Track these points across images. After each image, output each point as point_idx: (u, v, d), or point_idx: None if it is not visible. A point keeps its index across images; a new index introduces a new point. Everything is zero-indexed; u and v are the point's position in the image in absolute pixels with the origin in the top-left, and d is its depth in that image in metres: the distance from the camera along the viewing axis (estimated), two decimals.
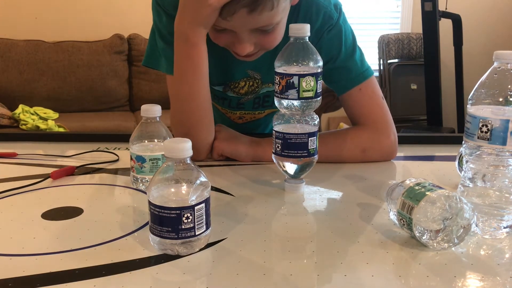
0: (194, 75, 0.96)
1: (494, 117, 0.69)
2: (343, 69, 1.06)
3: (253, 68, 1.09)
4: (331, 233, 0.75)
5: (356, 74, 1.06)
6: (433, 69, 3.60)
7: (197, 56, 0.95)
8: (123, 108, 3.70)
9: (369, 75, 1.07)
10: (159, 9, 1.02)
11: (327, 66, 1.05)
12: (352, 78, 1.06)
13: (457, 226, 0.66)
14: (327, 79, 1.09)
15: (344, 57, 1.05)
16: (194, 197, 0.65)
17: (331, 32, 1.04)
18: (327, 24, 1.03)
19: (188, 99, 0.99)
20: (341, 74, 1.07)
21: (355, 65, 1.06)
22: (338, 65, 1.05)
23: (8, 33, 3.52)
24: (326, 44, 1.04)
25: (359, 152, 1.05)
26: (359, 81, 1.06)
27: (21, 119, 3.05)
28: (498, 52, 0.70)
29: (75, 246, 0.69)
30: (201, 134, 1.02)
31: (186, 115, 1.00)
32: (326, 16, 1.03)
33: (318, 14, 1.02)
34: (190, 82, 0.97)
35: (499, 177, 0.71)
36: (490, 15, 4.23)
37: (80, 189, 0.93)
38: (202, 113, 1.00)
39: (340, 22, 1.04)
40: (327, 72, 1.06)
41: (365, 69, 1.07)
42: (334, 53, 1.05)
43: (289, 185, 0.90)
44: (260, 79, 1.10)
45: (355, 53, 1.06)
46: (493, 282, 0.62)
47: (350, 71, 1.06)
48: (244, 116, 1.20)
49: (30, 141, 1.26)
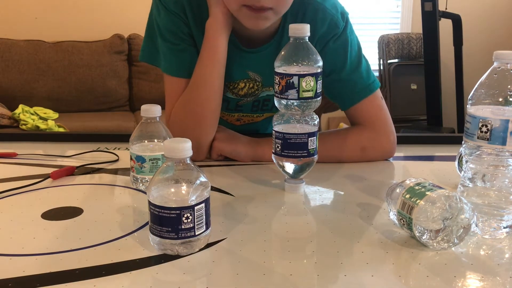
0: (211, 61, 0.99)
1: (494, 117, 0.69)
2: (348, 82, 1.05)
3: (254, 70, 1.08)
4: (331, 233, 0.75)
5: (361, 87, 1.05)
6: (433, 69, 3.59)
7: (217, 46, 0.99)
8: (123, 108, 3.70)
9: (375, 88, 1.06)
10: (159, 4, 1.02)
11: (331, 77, 1.04)
12: (357, 91, 1.05)
13: (457, 226, 0.66)
14: (331, 93, 1.08)
15: (349, 69, 1.04)
16: (194, 197, 0.65)
17: (336, 42, 1.03)
18: (332, 32, 1.02)
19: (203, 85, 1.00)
20: (345, 87, 1.05)
21: (361, 78, 1.05)
22: (343, 77, 1.04)
23: (8, 33, 3.52)
24: (331, 53, 1.03)
25: (358, 150, 1.05)
26: (365, 94, 1.05)
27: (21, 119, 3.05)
28: (498, 52, 0.70)
29: (75, 246, 0.69)
30: (207, 127, 1.02)
31: (200, 102, 1.00)
32: (332, 24, 1.02)
33: (324, 20, 1.02)
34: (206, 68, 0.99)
35: (499, 177, 0.71)
36: (490, 15, 4.23)
37: (80, 189, 0.93)
38: (215, 102, 1.01)
39: (347, 32, 1.03)
40: (330, 84, 1.05)
41: (371, 81, 1.06)
42: (338, 64, 1.04)
43: (289, 185, 0.90)
44: (260, 82, 1.10)
45: (360, 65, 1.05)
46: (493, 282, 0.62)
47: (355, 84, 1.05)
48: (242, 118, 1.20)
49: (30, 141, 1.26)
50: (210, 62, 0.99)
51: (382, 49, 4.10)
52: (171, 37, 1.03)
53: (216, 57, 0.99)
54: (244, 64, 1.07)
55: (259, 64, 1.05)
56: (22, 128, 3.02)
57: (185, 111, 1.03)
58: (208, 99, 1.01)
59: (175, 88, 1.04)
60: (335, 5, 1.04)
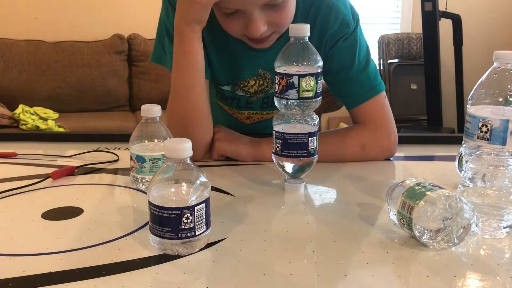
0: (189, 70, 0.97)
1: (494, 117, 0.69)
2: (355, 82, 1.05)
3: (264, 68, 1.09)
4: (331, 233, 0.75)
5: (368, 88, 1.05)
6: (433, 69, 3.60)
7: (192, 52, 0.95)
8: (123, 108, 3.70)
9: (380, 90, 1.06)
10: (168, 5, 1.02)
11: (339, 77, 1.05)
12: (364, 92, 1.05)
13: (457, 226, 0.66)
14: (337, 92, 1.09)
15: (357, 69, 1.04)
16: (194, 197, 0.65)
17: (346, 42, 1.03)
18: (343, 31, 1.03)
19: (184, 95, 0.99)
20: (352, 87, 1.06)
21: (368, 79, 1.05)
22: (350, 77, 1.05)
23: (8, 33, 3.52)
24: (339, 52, 1.04)
25: (358, 148, 1.05)
26: (371, 95, 1.05)
27: (21, 119, 3.05)
28: (498, 52, 0.70)
29: (75, 246, 0.69)
30: (198, 132, 1.01)
31: (183, 112, 1.00)
32: (344, 24, 1.02)
33: (336, 19, 1.02)
34: (186, 78, 0.98)
35: (499, 177, 0.71)
36: (490, 15, 4.23)
37: (80, 189, 0.93)
38: (198, 110, 1.00)
39: (357, 33, 1.04)
40: (338, 83, 1.06)
41: (377, 83, 1.06)
42: (346, 63, 1.04)
43: (289, 185, 0.90)
44: (270, 79, 1.10)
45: (368, 67, 1.06)
46: (493, 282, 0.62)
47: (362, 85, 1.05)
48: (252, 116, 1.20)
49: (30, 141, 1.26)
50: (189, 70, 0.97)
51: (382, 49, 4.10)
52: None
53: (195, 63, 0.97)
54: (254, 62, 1.08)
55: (269, 61, 1.05)
56: (22, 128, 3.03)
57: (173, 121, 1.02)
58: (194, 108, 1.00)
59: None
60: (347, 5, 1.04)
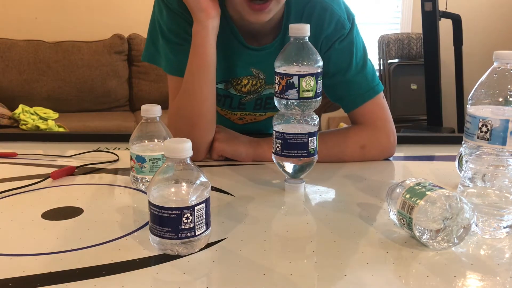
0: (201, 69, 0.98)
1: (494, 117, 0.69)
2: (353, 84, 1.05)
3: (258, 67, 1.08)
4: (331, 233, 0.75)
5: (366, 90, 1.05)
6: (433, 69, 3.59)
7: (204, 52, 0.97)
8: (123, 108, 3.70)
9: (379, 91, 1.06)
10: (162, 4, 1.02)
11: (336, 78, 1.04)
12: (362, 93, 1.05)
13: (457, 226, 0.66)
14: (335, 94, 1.08)
15: (354, 71, 1.04)
16: (194, 197, 0.65)
17: (342, 43, 1.03)
18: (339, 33, 1.02)
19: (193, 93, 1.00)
20: (350, 89, 1.05)
21: (365, 80, 1.05)
22: (348, 79, 1.04)
23: (8, 33, 3.52)
24: (336, 54, 1.03)
25: (358, 148, 1.05)
26: (369, 97, 1.05)
27: (21, 119, 3.05)
28: (498, 52, 0.70)
29: (75, 246, 0.69)
30: (201, 131, 1.02)
31: (190, 109, 1.00)
32: (339, 25, 1.02)
33: (331, 21, 1.02)
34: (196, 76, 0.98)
35: (499, 177, 0.71)
36: (490, 15, 4.23)
37: (80, 189, 0.93)
38: (205, 108, 1.01)
39: (353, 33, 1.04)
40: (335, 85, 1.06)
41: (376, 84, 1.06)
42: (343, 65, 1.04)
43: (289, 185, 0.90)
44: (264, 79, 1.10)
45: (365, 67, 1.05)
46: (493, 282, 0.62)
47: (360, 86, 1.05)
48: (245, 117, 1.20)
49: (30, 141, 1.26)
50: (200, 70, 0.99)
51: (382, 49, 4.10)
52: (174, 37, 1.02)
53: (206, 64, 0.98)
54: (248, 61, 1.07)
55: (263, 61, 1.05)
56: (22, 128, 3.02)
57: (179, 117, 1.03)
58: (201, 107, 1.01)
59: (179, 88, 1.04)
60: (342, 6, 1.04)
